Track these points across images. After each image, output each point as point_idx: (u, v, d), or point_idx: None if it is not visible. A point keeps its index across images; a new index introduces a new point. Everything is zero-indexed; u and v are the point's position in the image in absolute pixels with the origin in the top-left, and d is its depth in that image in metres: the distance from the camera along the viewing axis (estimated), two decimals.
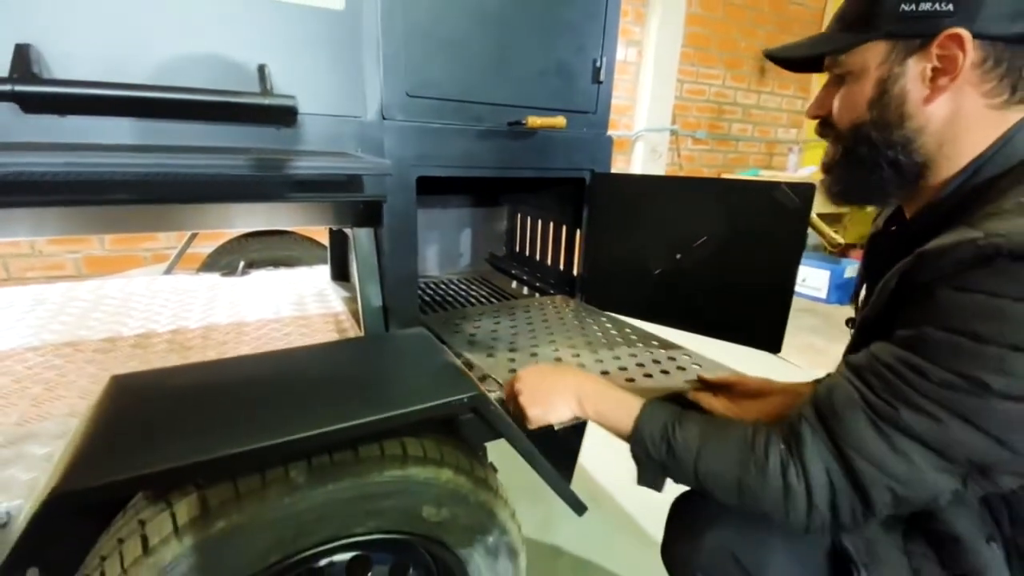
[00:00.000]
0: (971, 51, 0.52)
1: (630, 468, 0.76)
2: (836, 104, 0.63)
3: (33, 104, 0.70)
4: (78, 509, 0.50)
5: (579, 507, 0.77)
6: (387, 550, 0.72)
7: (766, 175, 3.86)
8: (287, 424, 0.59)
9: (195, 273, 1.74)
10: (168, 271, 1.79)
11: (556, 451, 0.80)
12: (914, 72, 0.56)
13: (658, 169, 3.59)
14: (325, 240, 1.61)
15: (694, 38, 3.54)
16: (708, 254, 1.09)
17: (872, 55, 0.58)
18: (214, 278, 1.60)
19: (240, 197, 0.87)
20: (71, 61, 0.73)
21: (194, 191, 0.81)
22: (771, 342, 1.00)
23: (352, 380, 0.75)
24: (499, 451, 0.85)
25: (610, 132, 1.24)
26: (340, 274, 1.57)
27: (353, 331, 1.20)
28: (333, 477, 0.61)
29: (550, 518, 1.40)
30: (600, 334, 1.13)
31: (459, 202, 1.82)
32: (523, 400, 0.73)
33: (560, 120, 1.10)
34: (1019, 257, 0.44)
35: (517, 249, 1.77)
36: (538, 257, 1.62)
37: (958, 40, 0.52)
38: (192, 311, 1.32)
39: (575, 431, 0.87)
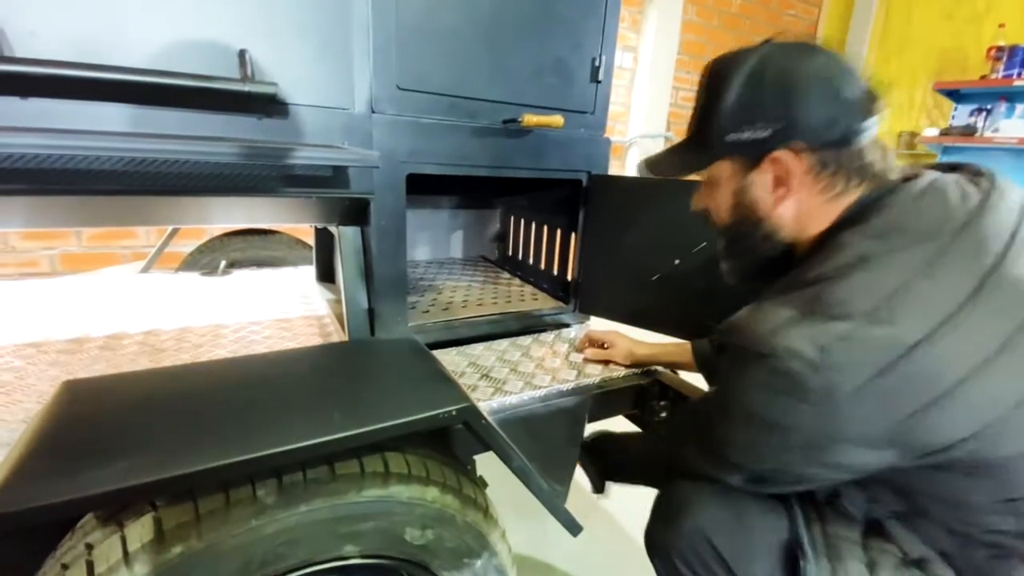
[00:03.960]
0: (797, 165, 0.61)
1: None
2: (710, 205, 0.73)
3: None
4: (14, 531, 0.44)
5: (574, 528, 0.72)
6: None
7: None
8: (256, 437, 0.53)
9: (174, 272, 1.67)
10: (145, 269, 1.72)
11: (551, 466, 0.75)
12: (758, 184, 0.65)
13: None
14: (311, 240, 1.55)
15: (690, 46, 3.54)
16: (708, 260, 1.05)
17: (722, 170, 0.68)
18: (193, 277, 1.54)
19: (219, 190, 0.81)
20: (36, 40, 0.67)
21: (170, 182, 0.75)
22: None
23: (331, 389, 0.69)
24: (489, 462, 0.80)
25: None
26: (326, 275, 1.51)
27: (337, 335, 1.14)
28: (306, 497, 0.55)
29: (542, 533, 1.35)
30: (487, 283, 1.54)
31: (450, 203, 1.77)
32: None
33: (557, 119, 1.06)
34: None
35: (510, 253, 1.72)
36: (531, 261, 1.57)
37: (783, 159, 0.61)
38: (167, 311, 1.26)
39: (572, 443, 0.82)
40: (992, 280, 0.51)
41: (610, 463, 0.98)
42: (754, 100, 0.61)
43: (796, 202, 0.64)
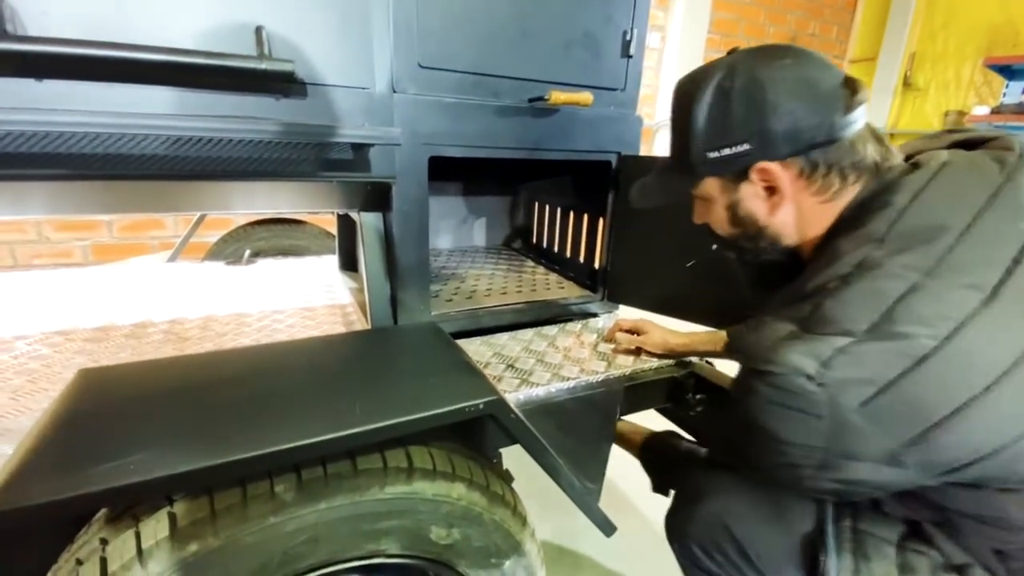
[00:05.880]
0: (785, 172, 0.59)
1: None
2: (709, 219, 0.71)
3: (8, 65, 0.63)
4: (20, 527, 0.42)
5: (608, 527, 0.68)
6: None
7: None
8: (274, 430, 0.50)
9: (200, 261, 1.68)
10: (172, 259, 1.73)
11: (582, 462, 0.71)
12: (749, 194, 0.63)
13: None
14: (334, 229, 1.53)
15: (721, 24, 3.40)
16: None
17: (710, 188, 0.66)
18: (218, 267, 1.54)
19: (242, 175, 0.79)
20: (48, 20, 0.65)
21: (195, 167, 0.72)
22: None
23: (353, 379, 0.66)
24: (513, 451, 0.76)
25: None
26: (349, 264, 1.49)
27: (360, 323, 1.12)
28: (327, 493, 0.52)
29: (571, 526, 1.31)
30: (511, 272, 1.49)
31: (473, 189, 1.73)
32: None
33: (586, 96, 1.00)
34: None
35: (534, 240, 1.68)
36: (556, 248, 1.52)
37: (769, 169, 0.59)
38: (192, 300, 1.25)
39: (603, 438, 0.78)
40: (1015, 279, 0.45)
41: (670, 475, 1.00)
42: (726, 117, 0.59)
43: (793, 207, 0.62)
